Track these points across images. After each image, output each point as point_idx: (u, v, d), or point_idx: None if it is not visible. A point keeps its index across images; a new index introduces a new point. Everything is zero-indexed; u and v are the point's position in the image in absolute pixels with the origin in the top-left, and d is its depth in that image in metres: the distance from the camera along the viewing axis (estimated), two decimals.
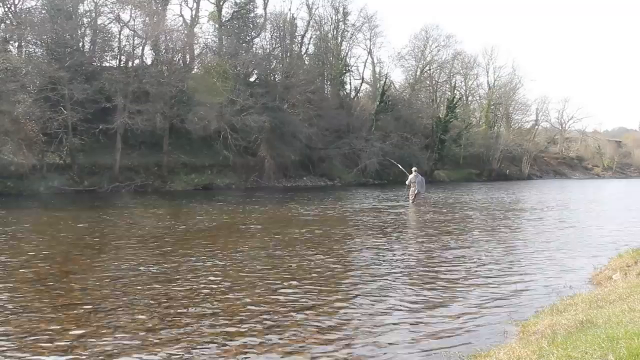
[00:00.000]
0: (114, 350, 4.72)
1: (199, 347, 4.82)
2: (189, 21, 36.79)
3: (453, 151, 52.06)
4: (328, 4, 46.49)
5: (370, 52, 50.17)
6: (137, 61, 32.63)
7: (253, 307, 6.04)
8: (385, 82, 48.36)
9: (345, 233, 12.46)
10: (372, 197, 25.14)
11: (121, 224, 13.96)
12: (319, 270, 8.08)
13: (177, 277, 7.54)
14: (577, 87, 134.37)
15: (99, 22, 31.80)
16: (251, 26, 39.73)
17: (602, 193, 34.04)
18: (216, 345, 4.88)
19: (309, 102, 38.25)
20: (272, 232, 12.39)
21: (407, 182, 20.04)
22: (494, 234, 12.34)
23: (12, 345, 4.84)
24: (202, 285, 7.04)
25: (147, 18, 31.85)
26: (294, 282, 7.25)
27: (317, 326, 5.41)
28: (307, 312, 5.90)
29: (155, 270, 7.99)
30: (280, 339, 5.04)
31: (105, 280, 7.30)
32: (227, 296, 6.53)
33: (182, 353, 4.68)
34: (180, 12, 60.58)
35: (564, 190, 36.83)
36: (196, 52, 36.67)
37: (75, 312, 5.84)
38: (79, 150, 28.12)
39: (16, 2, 29.51)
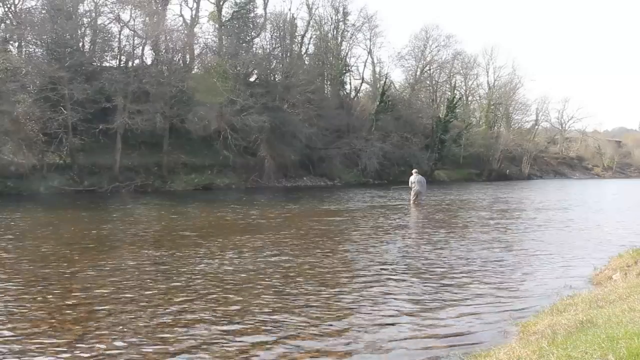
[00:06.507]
0: (114, 350, 4.72)
1: (199, 346, 4.82)
2: (189, 21, 36.79)
3: (453, 151, 52.05)
4: (328, 4, 46.52)
5: (370, 52, 50.20)
6: (137, 61, 32.64)
7: (253, 307, 6.05)
8: (385, 82, 48.37)
9: (346, 233, 12.47)
10: (372, 196, 25.13)
11: (121, 224, 13.95)
12: (319, 270, 8.09)
13: (177, 276, 7.55)
14: (577, 87, 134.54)
15: (99, 22, 31.81)
16: (251, 26, 39.71)
17: (602, 193, 34.03)
18: (216, 345, 4.88)
19: (309, 102, 38.23)
20: (272, 232, 12.39)
21: (409, 184, 20.17)
22: (494, 234, 12.33)
23: (12, 345, 4.84)
24: (202, 285, 7.04)
25: (147, 18, 31.84)
26: (294, 282, 7.26)
27: (317, 326, 5.42)
28: (308, 311, 5.90)
29: (154, 270, 7.99)
30: (281, 339, 5.05)
31: (105, 280, 7.30)
32: (227, 296, 6.53)
33: (183, 353, 4.68)
34: (180, 12, 60.87)
35: (563, 190, 36.83)
36: (196, 52, 36.66)
37: (75, 312, 5.84)
38: (79, 150, 28.11)
39: (16, 2, 29.52)
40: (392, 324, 5.51)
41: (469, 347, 4.80)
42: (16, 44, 29.90)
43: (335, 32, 46.81)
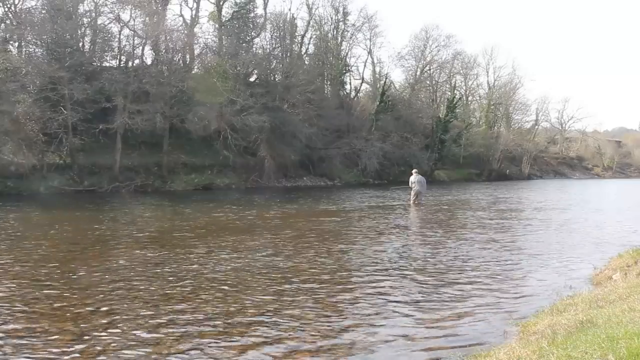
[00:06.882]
0: (113, 351, 4.72)
1: (198, 346, 4.83)
2: (189, 21, 36.77)
3: (453, 151, 52.04)
4: (328, 4, 46.49)
5: (370, 52, 50.17)
6: (137, 61, 32.62)
7: (253, 306, 6.05)
8: (385, 82, 48.36)
9: (344, 233, 12.46)
10: (372, 197, 25.13)
11: (120, 225, 13.96)
12: (317, 270, 8.09)
13: (175, 277, 7.54)
14: (577, 87, 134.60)
15: (99, 22, 31.78)
16: (251, 26, 39.70)
17: (602, 193, 34.02)
18: (216, 344, 4.88)
19: (309, 102, 38.21)
20: (271, 232, 12.39)
21: (409, 184, 20.20)
22: (493, 234, 12.33)
23: (12, 345, 4.84)
24: (202, 285, 7.05)
25: (147, 18, 31.83)
26: (294, 282, 7.26)
27: (315, 327, 5.42)
28: (305, 312, 5.90)
29: (153, 270, 7.99)
30: (281, 338, 5.05)
31: (105, 280, 7.30)
32: (224, 296, 6.53)
33: (182, 353, 4.68)
34: (180, 12, 60.87)
35: (563, 190, 36.82)
36: (196, 52, 36.65)
37: (75, 312, 5.84)
38: (79, 150, 28.10)
39: (16, 2, 29.51)
40: (392, 325, 5.50)
41: (469, 347, 4.79)
42: (16, 44, 29.88)
43: (335, 32, 46.81)
